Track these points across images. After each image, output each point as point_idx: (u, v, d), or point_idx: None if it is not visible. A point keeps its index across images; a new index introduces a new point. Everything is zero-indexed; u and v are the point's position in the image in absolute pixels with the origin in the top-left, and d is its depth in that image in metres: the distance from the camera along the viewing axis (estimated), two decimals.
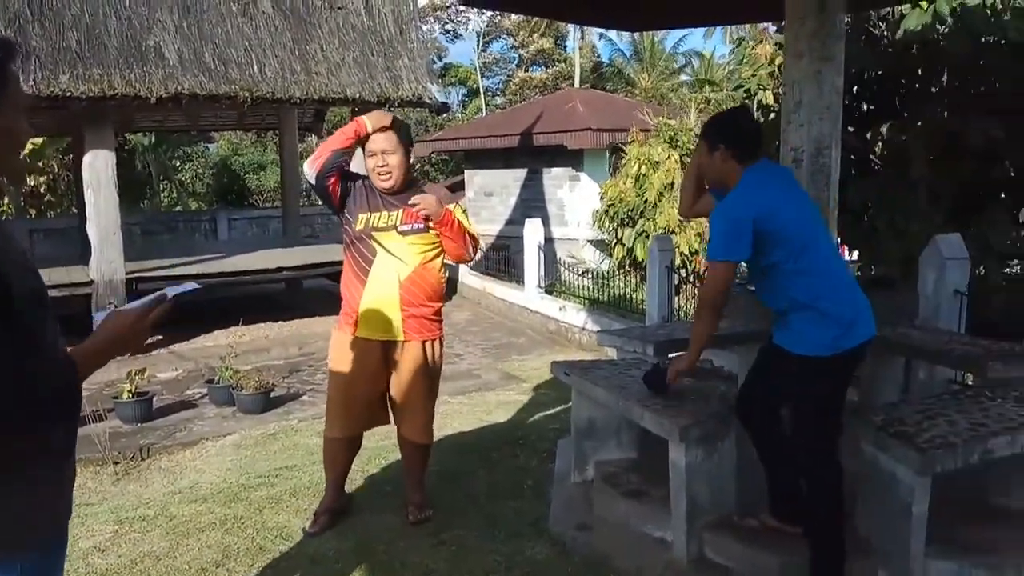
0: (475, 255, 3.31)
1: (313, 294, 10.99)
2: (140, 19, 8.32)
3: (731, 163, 2.60)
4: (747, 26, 10.73)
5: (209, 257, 10.06)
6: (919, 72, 4.97)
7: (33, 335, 1.37)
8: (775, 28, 6.77)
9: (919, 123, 5.04)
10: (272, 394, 6.56)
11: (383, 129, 3.12)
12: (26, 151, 1.32)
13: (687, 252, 9.24)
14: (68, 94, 7.63)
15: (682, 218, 2.37)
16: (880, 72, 5.33)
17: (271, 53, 8.70)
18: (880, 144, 5.58)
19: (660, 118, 10.46)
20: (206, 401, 6.71)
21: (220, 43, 8.52)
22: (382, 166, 3.11)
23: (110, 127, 8.53)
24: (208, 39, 8.49)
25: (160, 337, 8.48)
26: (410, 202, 3.12)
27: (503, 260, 12.40)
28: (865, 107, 5.56)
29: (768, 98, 6.74)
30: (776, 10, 3.50)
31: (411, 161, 3.25)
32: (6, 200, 15.43)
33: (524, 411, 5.83)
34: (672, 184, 9.43)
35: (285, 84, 8.58)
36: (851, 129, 5.33)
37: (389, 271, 3.13)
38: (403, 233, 3.13)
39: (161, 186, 20.27)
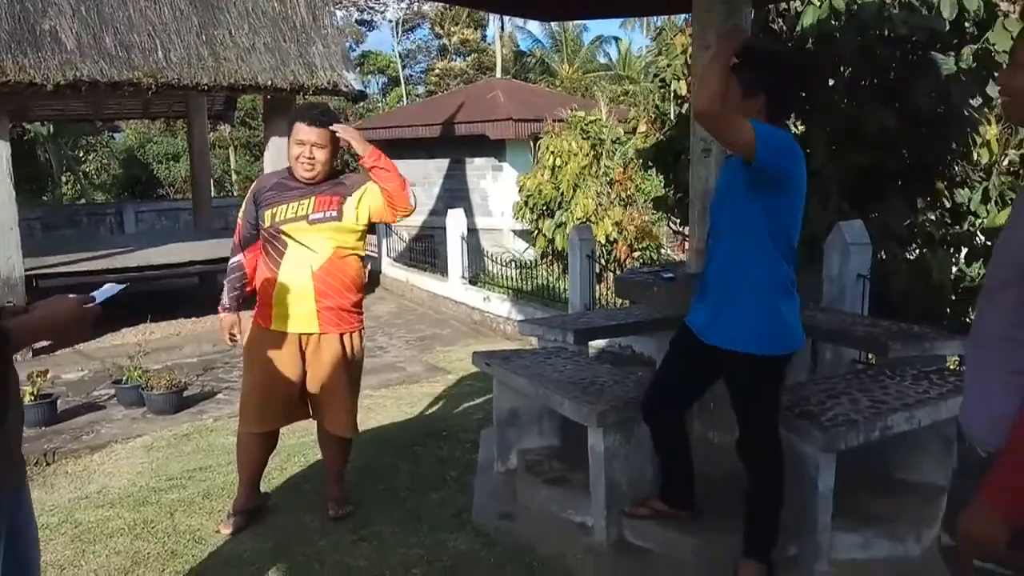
0: (414, 204, 3.23)
1: None
2: (33, 2, 7.82)
3: (756, 119, 2.23)
4: (665, 17, 10.94)
5: (115, 251, 9.60)
6: (817, 65, 5.15)
7: None
8: (687, 20, 6.92)
9: (818, 114, 5.24)
10: (185, 393, 6.31)
11: (319, 123, 3.03)
12: None
13: (605, 241, 9.37)
14: None
15: (713, 111, 2.16)
16: None
17: (176, 38, 8.32)
18: None
19: (571, 110, 10.61)
20: (114, 402, 6.41)
21: (121, 27, 8.09)
22: (309, 158, 3.04)
23: (4, 116, 8.01)
24: (108, 23, 8.05)
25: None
26: (332, 127, 3.05)
27: (427, 251, 12.30)
28: None
29: (682, 88, 6.89)
30: (685, 2, 3.57)
31: (337, 156, 3.19)
32: None
33: (449, 403, 5.80)
34: (584, 175, 9.59)
35: (192, 70, 8.23)
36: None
37: (301, 262, 3.06)
38: (313, 223, 3.05)
39: (64, 178, 19.20)
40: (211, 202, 12.65)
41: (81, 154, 20.21)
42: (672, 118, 7.33)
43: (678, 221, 7.47)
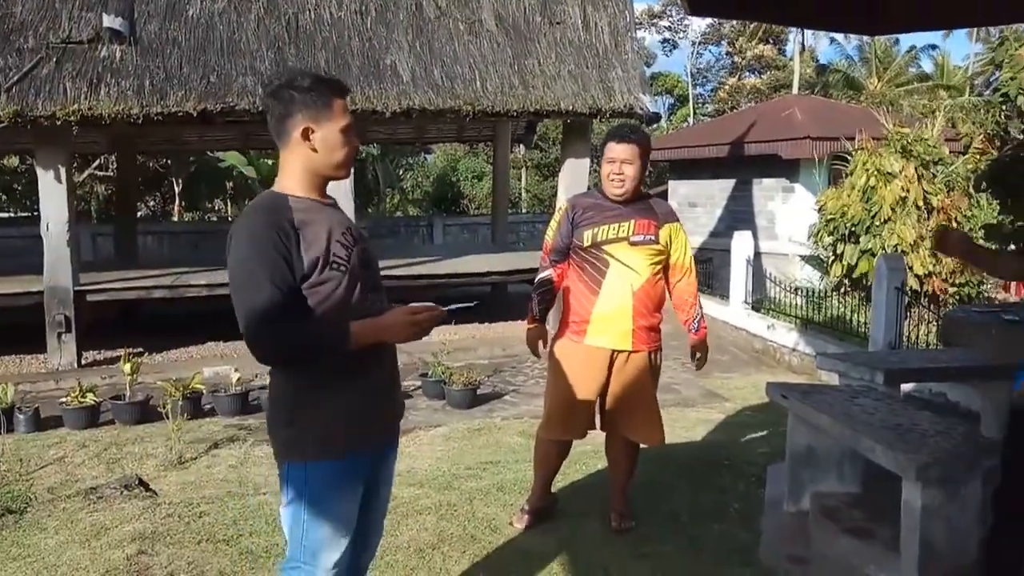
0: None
1: (517, 299, 11.38)
2: (379, 40, 9.11)
3: None
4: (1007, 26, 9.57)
5: (427, 259, 10.77)
6: None
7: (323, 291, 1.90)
8: None
9: None
10: (478, 391, 6.88)
11: (626, 140, 3.17)
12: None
13: (921, 274, 8.40)
14: None
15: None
16: None
17: (492, 69, 9.14)
18: None
19: (894, 125, 9.56)
20: (420, 393, 7.17)
21: (448, 60, 9.10)
22: (618, 174, 3.17)
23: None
24: (438, 57, 9.10)
25: None
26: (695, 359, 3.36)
27: (706, 273, 12.04)
28: None
29: None
30: None
31: (647, 172, 3.30)
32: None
33: (728, 431, 5.63)
34: (905, 199, 8.61)
35: (504, 98, 8.97)
36: None
37: (623, 282, 3.18)
38: (634, 244, 3.17)
39: (386, 193, 22.01)
40: (508, 218, 13.63)
41: (401, 172, 23.01)
42: (1017, 136, 6.40)
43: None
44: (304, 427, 1.95)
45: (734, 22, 28.74)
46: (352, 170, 2.18)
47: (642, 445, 3.45)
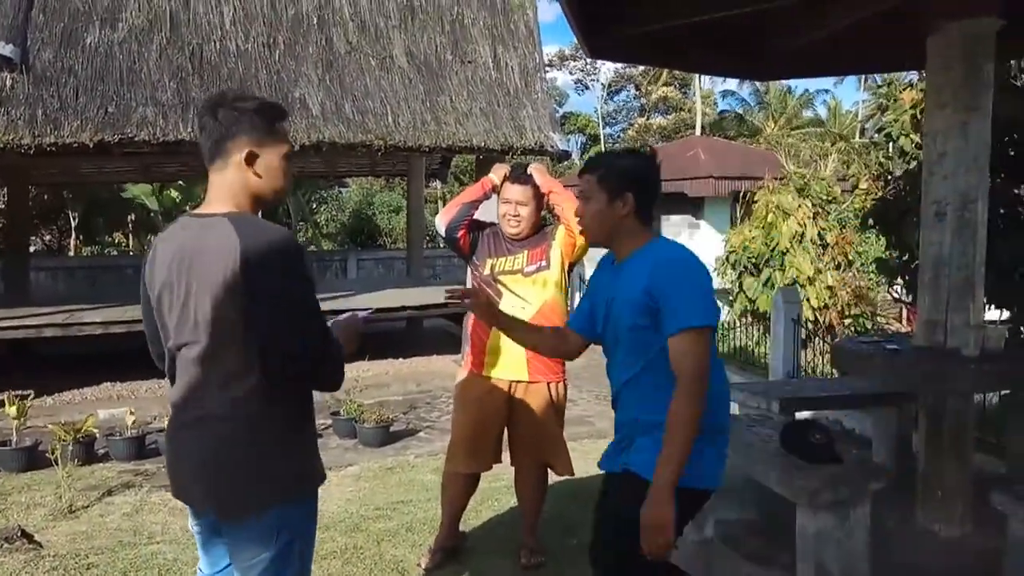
0: None
1: (432, 333, 11.30)
2: (288, 73, 9.01)
3: (632, 219, 2.19)
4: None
5: (339, 295, 10.58)
6: None
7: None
8: (917, 76, 6.50)
9: None
10: (391, 428, 6.75)
11: (521, 182, 3.24)
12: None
13: (817, 306, 8.86)
14: None
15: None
16: None
17: (404, 104, 9.18)
18: None
19: (792, 167, 10.18)
20: (330, 432, 6.98)
21: (359, 95, 9.09)
22: (514, 215, 3.24)
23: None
24: (348, 91, 9.08)
25: None
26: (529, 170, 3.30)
27: None
28: (1013, 154, 5.22)
29: (909, 144, 6.45)
30: (918, 58, 3.39)
31: (541, 212, 3.36)
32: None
33: None
34: (803, 235, 9.12)
35: (416, 133, 9.01)
36: (1000, 179, 5.01)
37: (515, 312, 3.21)
38: (528, 275, 3.23)
39: (299, 227, 21.58)
40: (423, 252, 13.59)
41: (315, 205, 22.62)
42: (896, 175, 6.87)
43: (900, 287, 6.92)
44: (301, 461, 1.87)
45: (640, 67, 29.96)
46: None
47: (552, 479, 3.47)
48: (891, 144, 7.05)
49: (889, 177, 7.30)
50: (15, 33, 7.98)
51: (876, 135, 8.19)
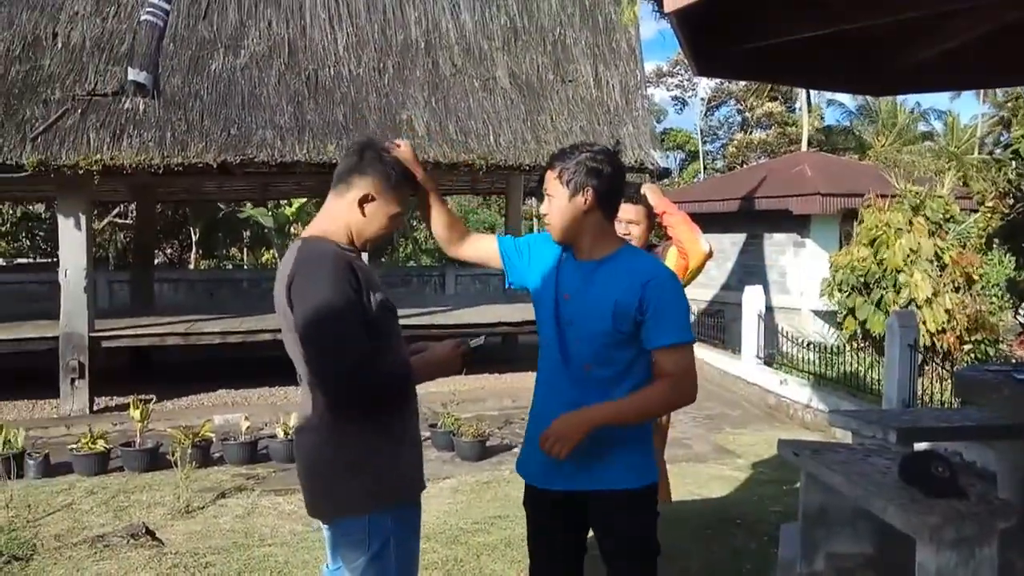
0: (706, 248, 3.31)
1: (527, 350, 11.36)
2: (396, 96, 9.35)
3: (596, 214, 2.16)
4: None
5: (438, 309, 10.82)
6: None
7: (384, 336, 1.93)
8: None
9: None
10: (487, 443, 6.83)
11: (633, 201, 3.25)
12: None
13: (934, 329, 8.36)
14: (334, 162, 8.72)
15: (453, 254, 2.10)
16: None
17: (506, 124, 9.36)
18: None
19: (905, 184, 9.64)
20: (428, 444, 7.13)
21: (462, 116, 9.33)
22: (625, 234, 3.24)
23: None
24: (452, 112, 9.34)
25: None
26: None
27: (717, 326, 12.01)
28: None
29: None
30: None
31: (652, 232, 3.36)
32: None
33: (740, 488, 5.55)
34: (917, 252, 8.62)
35: (516, 152, 9.15)
36: None
37: None
38: None
39: (399, 243, 22.22)
40: None
41: (415, 222, 23.26)
42: None
43: None
44: (381, 474, 1.95)
45: (742, 82, 29.32)
46: None
47: None
48: (1017, 160, 6.64)
49: (1018, 195, 6.86)
50: (147, 61, 8.63)
51: (999, 151, 7.69)
